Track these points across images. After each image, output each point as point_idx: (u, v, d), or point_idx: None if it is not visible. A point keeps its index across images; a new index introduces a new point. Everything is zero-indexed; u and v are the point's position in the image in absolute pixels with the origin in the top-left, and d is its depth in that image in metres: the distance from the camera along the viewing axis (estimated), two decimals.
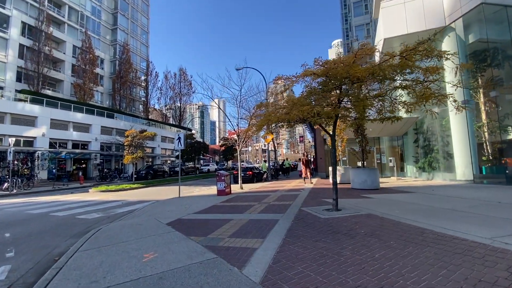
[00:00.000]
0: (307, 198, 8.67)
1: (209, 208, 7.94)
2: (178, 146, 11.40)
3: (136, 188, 16.55)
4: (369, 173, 11.40)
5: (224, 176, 10.93)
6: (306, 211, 6.57)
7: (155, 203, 9.79)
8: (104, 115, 33.02)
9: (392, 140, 20.42)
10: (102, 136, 31.38)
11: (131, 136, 17.74)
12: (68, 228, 6.60)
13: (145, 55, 48.08)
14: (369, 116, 7.65)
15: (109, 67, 41.16)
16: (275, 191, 11.35)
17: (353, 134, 12.57)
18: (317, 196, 9.33)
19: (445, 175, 14.35)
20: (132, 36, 44.82)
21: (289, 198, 9.04)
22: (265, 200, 8.72)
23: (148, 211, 8.02)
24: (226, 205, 8.37)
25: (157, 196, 12.73)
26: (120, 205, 10.35)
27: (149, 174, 26.39)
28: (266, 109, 7.99)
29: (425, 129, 16.39)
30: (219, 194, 10.84)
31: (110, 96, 40.50)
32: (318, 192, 10.37)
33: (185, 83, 52.16)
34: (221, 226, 5.40)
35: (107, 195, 13.68)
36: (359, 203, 7.57)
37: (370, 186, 11.22)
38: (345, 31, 43.73)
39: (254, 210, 7.08)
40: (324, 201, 8.05)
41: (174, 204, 9.26)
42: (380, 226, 4.82)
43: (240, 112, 13.02)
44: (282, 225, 5.20)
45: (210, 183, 19.47)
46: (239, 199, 9.58)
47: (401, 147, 19.67)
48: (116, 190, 15.32)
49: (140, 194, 13.99)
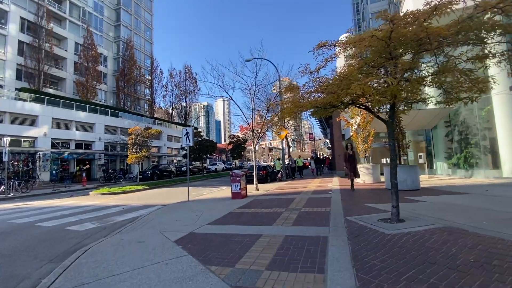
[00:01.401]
0: (345, 204, 7.11)
1: (226, 216, 6.46)
2: (186, 142, 9.96)
3: (140, 190, 15.21)
4: (409, 171, 9.77)
5: (240, 176, 9.44)
6: (356, 222, 5.02)
7: (161, 209, 8.37)
8: (108, 114, 31.89)
9: (417, 134, 18.64)
10: (106, 136, 30.26)
11: (134, 134, 16.41)
12: (52, 245, 5.19)
13: (149, 52, 46.91)
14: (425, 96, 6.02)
15: (113, 64, 40.09)
16: (298, 193, 9.82)
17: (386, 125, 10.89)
18: (355, 200, 7.76)
19: (488, 173, 12.60)
20: (135, 33, 43.66)
21: (321, 202, 7.49)
22: (292, 206, 7.20)
23: (152, 220, 6.58)
24: (245, 212, 6.88)
25: (164, 199, 11.34)
26: (121, 211, 8.97)
27: (155, 174, 25.12)
28: (296, 93, 6.45)
29: (459, 121, 14.62)
30: (234, 197, 9.37)
31: (114, 94, 39.43)
32: (353, 195, 8.80)
33: (190, 81, 50.88)
34: (249, 248, 3.90)
35: (108, 199, 12.34)
36: (414, 209, 5.99)
37: (410, 186, 9.60)
38: (356, 22, 41.75)
39: (285, 220, 5.57)
40: (369, 207, 6.48)
41: (182, 210, 7.82)
42: (486, 250, 3.26)
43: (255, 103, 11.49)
44: (338, 247, 3.67)
45: (219, 183, 18.04)
46: (259, 203, 8.08)
47: (428, 142, 17.89)
48: (118, 192, 13.99)
49: (144, 197, 12.62)
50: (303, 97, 6.11)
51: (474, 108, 13.29)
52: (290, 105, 6.26)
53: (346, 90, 4.43)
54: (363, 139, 13.44)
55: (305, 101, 5.79)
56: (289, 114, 6.03)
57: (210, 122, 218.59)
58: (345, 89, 4.53)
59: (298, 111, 6.07)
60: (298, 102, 6.00)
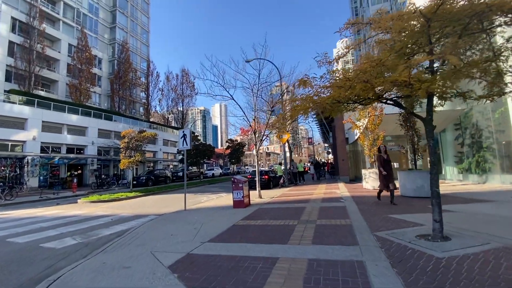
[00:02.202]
0: (365, 214, 6.24)
1: (229, 230, 5.54)
2: (183, 145, 9.05)
3: (133, 197, 14.17)
4: (426, 176, 8.90)
5: (242, 182, 8.54)
6: (390, 239, 4.15)
7: (154, 220, 7.41)
8: (101, 117, 30.83)
9: (422, 138, 17.92)
10: (100, 140, 29.14)
11: (128, 137, 15.42)
12: (16, 270, 4.22)
13: (146, 55, 46.07)
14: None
15: (108, 67, 39.13)
16: (307, 201, 8.93)
17: (400, 127, 10.14)
18: (375, 210, 6.90)
19: (505, 178, 11.84)
20: (131, 35, 42.86)
21: (337, 213, 6.61)
22: (304, 217, 6.30)
23: (143, 235, 5.64)
24: (252, 225, 5.96)
25: (158, 207, 10.36)
26: (110, 222, 7.98)
27: (149, 180, 24.04)
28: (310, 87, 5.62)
29: (471, 123, 13.93)
30: (236, 206, 8.44)
31: (108, 97, 38.37)
32: (369, 203, 7.94)
33: (187, 85, 50.04)
34: (266, 278, 3.00)
35: (97, 207, 11.31)
36: (449, 221, 5.13)
37: (427, 193, 8.68)
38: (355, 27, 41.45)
39: (301, 236, 4.67)
40: (395, 219, 5.62)
41: (179, 221, 6.87)
42: None
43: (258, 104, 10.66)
44: (383, 278, 2.79)
45: (218, 190, 17.07)
46: (266, 214, 7.17)
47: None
48: (109, 200, 12.95)
49: (137, 205, 11.61)
50: (318, 92, 5.30)
51: (487, 109, 12.65)
52: (303, 102, 5.44)
53: (382, 79, 3.61)
54: (371, 142, 12.66)
55: (321, 97, 4.97)
56: (304, 111, 5.17)
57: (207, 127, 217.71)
58: (379, 77, 3.71)
59: (314, 108, 5.23)
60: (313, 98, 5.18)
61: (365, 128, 12.98)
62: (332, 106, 5.23)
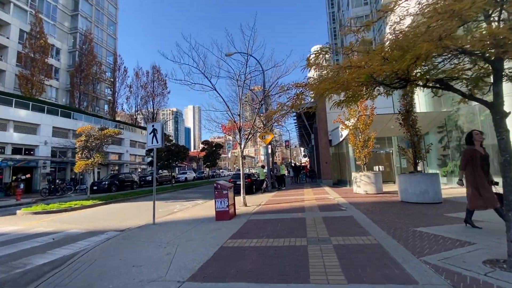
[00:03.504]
0: (385, 227, 5.08)
1: (217, 257, 4.01)
2: (152, 143, 7.31)
3: (90, 206, 11.86)
4: (431, 180, 8.17)
5: (227, 189, 7.01)
6: (453, 270, 2.95)
7: (112, 240, 5.59)
8: (58, 114, 27.23)
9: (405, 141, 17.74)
10: (54, 139, 25.58)
11: (85, 135, 13.00)
12: None
13: (113, 48, 42.29)
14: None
15: (67, 58, 35.07)
16: (301, 210, 7.64)
17: (400, 126, 9.33)
18: (391, 220, 5.77)
19: None
20: (96, 25, 39.05)
21: (350, 227, 5.36)
22: (312, 233, 4.96)
23: (90, 268, 3.91)
24: (246, 247, 4.48)
25: (120, 219, 8.41)
26: (49, 243, 5.98)
27: (113, 185, 21.34)
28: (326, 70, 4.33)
29: (456, 126, 13.80)
30: (219, 218, 6.88)
31: (67, 92, 34.31)
32: (376, 212, 6.84)
33: (159, 83, 47.03)
34: None
35: (40, 221, 9.00)
36: (499, 239, 4.13)
37: (432, 199, 7.97)
38: (332, 31, 41.97)
39: (324, 267, 3.31)
40: (426, 234, 4.51)
41: (145, 242, 5.16)
42: None
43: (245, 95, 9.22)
44: None
45: (193, 196, 15.22)
46: (260, 228, 5.72)
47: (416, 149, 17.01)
48: (58, 210, 10.59)
49: (94, 216, 9.49)
50: (338, 70, 4.04)
51: (474, 112, 12.52)
52: (319, 84, 4.15)
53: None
54: (362, 143, 11.83)
55: (348, 75, 3.68)
56: (318, 93, 3.86)
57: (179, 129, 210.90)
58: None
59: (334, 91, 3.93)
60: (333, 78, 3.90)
61: (355, 128, 12.15)
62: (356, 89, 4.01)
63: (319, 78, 4.53)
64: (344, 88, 3.74)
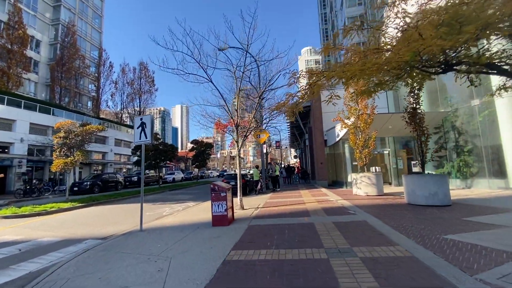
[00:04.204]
0: (410, 235, 4.49)
1: (222, 276, 3.28)
2: (140, 138, 6.45)
3: (68, 209, 10.75)
4: (440, 181, 7.74)
5: (225, 191, 6.25)
6: None
7: (90, 252, 4.72)
8: (36, 110, 25.46)
9: (399, 142, 17.55)
10: (31, 137, 23.85)
11: (64, 130, 11.80)
12: None
13: (98, 42, 40.37)
14: None
15: (48, 51, 33.07)
16: (307, 213, 6.99)
17: (406, 124, 8.88)
18: (409, 226, 5.20)
19: (492, 182, 11.48)
20: (80, 18, 37.13)
21: (370, 234, 4.74)
22: (329, 242, 4.30)
23: None
24: (255, 260, 3.76)
25: (101, 225, 7.46)
26: (16, 254, 5.05)
27: (96, 186, 19.99)
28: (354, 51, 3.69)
29: (454, 126, 13.62)
30: (216, 224, 6.11)
31: (47, 87, 32.30)
32: (389, 215, 6.28)
33: (146, 80, 45.46)
34: None
35: (10, 226, 7.91)
36: None
37: (441, 201, 7.54)
38: (324, 32, 41.88)
39: (357, 287, 2.65)
40: (460, 242, 3.94)
41: (132, 255, 4.34)
42: None
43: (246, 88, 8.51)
44: None
45: (182, 197, 14.30)
46: (265, 236, 5.00)
47: (412, 150, 16.82)
48: (31, 214, 9.46)
49: (72, 221, 8.47)
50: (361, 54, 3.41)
51: (474, 112, 12.35)
52: (341, 67, 3.51)
53: None
54: (362, 143, 11.36)
55: (379, 59, 3.05)
56: (360, 75, 3.20)
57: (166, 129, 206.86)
58: None
59: (369, 74, 3.29)
60: (364, 61, 3.27)
61: (355, 127, 11.68)
62: (387, 73, 3.38)
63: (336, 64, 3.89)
64: (375, 72, 3.11)
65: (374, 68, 2.97)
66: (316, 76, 4.55)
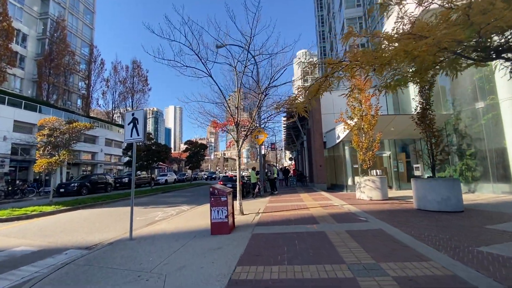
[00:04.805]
0: (440, 247, 3.97)
1: None
2: (132, 136, 5.79)
3: (51, 212, 9.91)
4: (452, 186, 7.29)
5: (226, 195, 5.64)
6: None
7: (71, 267, 4.03)
8: (21, 106, 24.26)
9: (399, 145, 17.24)
10: (16, 135, 22.64)
11: (49, 128, 10.94)
12: None
13: (89, 38, 39.11)
14: None
15: (36, 46, 31.74)
16: (314, 220, 6.43)
17: (416, 125, 8.44)
18: (433, 236, 4.70)
19: (497, 187, 11.19)
20: (71, 13, 35.89)
21: (392, 247, 4.21)
22: (349, 257, 3.74)
23: None
24: (266, 280, 3.17)
25: (86, 231, 6.72)
26: None
27: (84, 187, 19.02)
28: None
29: (457, 129, 13.34)
30: (215, 232, 5.49)
31: (34, 83, 30.97)
32: (406, 223, 5.78)
33: (139, 78, 44.39)
34: None
35: None
36: None
37: (454, 207, 7.10)
38: (321, 34, 41.74)
39: None
40: (499, 256, 3.44)
41: (119, 271, 3.68)
42: None
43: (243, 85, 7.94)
44: None
45: (176, 200, 13.57)
46: (274, 248, 4.42)
47: (411, 153, 16.53)
48: (9, 219, 8.61)
49: (53, 226, 7.69)
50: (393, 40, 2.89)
51: (478, 115, 12.10)
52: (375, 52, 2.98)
53: None
54: (367, 145, 10.93)
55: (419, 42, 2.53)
56: (400, 59, 2.67)
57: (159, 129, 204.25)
58: None
59: (403, 58, 2.76)
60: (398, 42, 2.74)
61: (358, 129, 11.24)
62: (428, 58, 2.85)
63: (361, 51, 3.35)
64: (424, 53, 2.58)
65: (423, 49, 2.44)
66: (334, 66, 4.01)
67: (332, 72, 4.12)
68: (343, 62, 4.02)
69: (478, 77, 12.10)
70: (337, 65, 4.02)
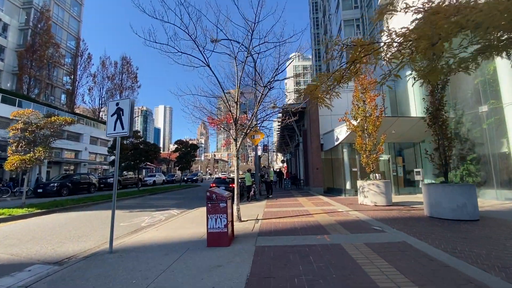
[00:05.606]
0: (491, 268, 3.31)
1: None
2: (115, 129, 4.93)
3: (23, 216, 8.79)
4: (468, 192, 6.77)
5: (225, 200, 4.85)
6: None
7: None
8: None
9: (398, 148, 16.86)
10: None
11: (23, 121, 9.80)
12: None
13: (75, 31, 37.37)
14: None
15: (17, 37, 29.93)
16: (321, 229, 5.72)
17: (427, 127, 7.92)
18: (458, 250, 4.07)
19: (500, 193, 10.86)
20: (57, 4, 34.18)
21: (435, 267, 3.53)
22: (386, 282, 3.03)
23: None
24: None
25: (59, 240, 5.76)
26: None
27: (64, 187, 17.73)
28: None
29: (456, 133, 13.00)
30: (213, 244, 4.69)
31: (14, 76, 29.13)
32: (426, 234, 5.14)
33: (128, 75, 42.84)
34: None
35: None
36: None
37: (471, 215, 6.57)
38: (316, 36, 41.56)
39: None
40: None
41: None
42: None
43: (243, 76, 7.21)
44: None
45: (164, 203, 12.62)
46: (286, 266, 3.66)
47: (411, 157, 16.19)
48: None
49: (21, 233, 6.66)
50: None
51: (480, 119, 11.81)
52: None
53: None
54: (371, 147, 10.38)
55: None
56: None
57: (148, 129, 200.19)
58: None
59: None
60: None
61: (361, 130, 10.68)
62: None
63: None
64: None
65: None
66: (365, 48, 3.33)
67: (362, 56, 3.43)
68: (374, 44, 3.34)
69: (480, 81, 11.84)
70: (368, 47, 3.33)
